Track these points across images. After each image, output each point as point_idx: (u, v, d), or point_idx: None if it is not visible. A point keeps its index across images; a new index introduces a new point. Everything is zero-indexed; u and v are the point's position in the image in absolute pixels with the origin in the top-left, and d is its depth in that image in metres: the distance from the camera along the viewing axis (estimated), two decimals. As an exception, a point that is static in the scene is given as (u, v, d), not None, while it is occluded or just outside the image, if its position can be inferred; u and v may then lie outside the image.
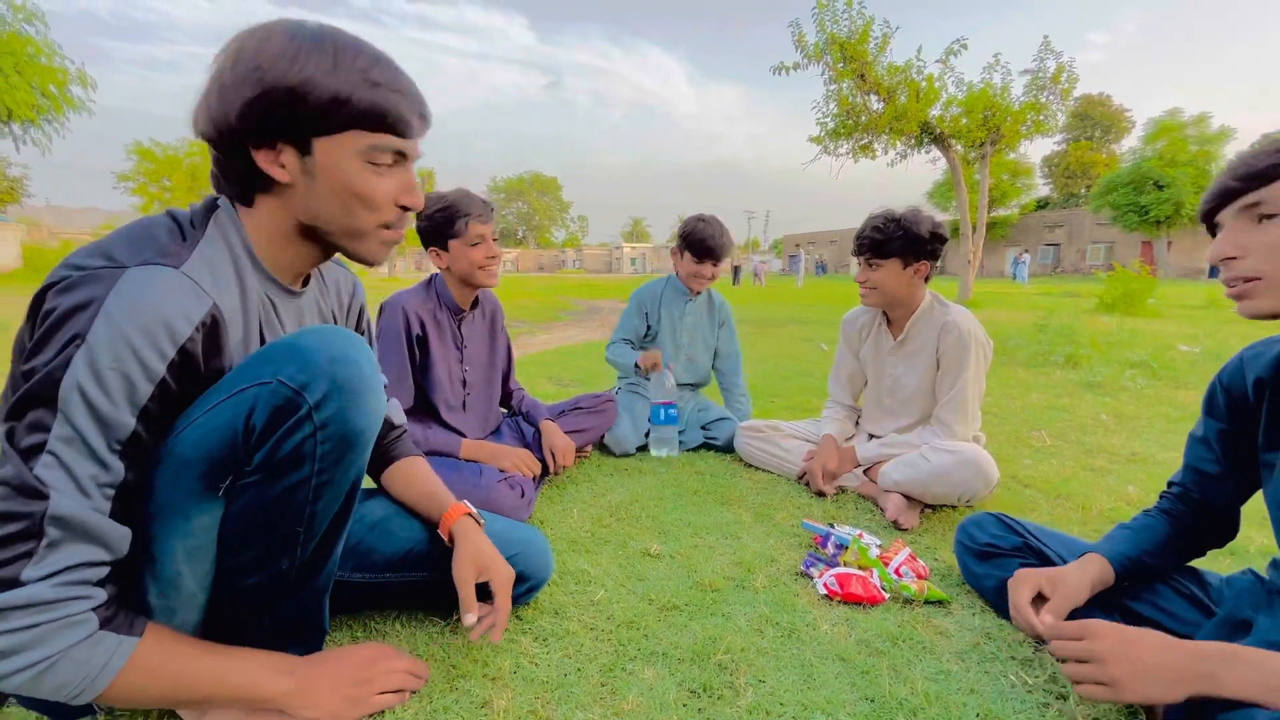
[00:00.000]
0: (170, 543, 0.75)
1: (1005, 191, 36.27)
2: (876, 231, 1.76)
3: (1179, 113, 28.78)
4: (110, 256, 0.68)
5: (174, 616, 0.79)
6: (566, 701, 0.95)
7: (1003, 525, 1.25)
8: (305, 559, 0.84)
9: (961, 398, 1.77)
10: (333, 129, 0.74)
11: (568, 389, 3.52)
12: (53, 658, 0.64)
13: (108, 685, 0.68)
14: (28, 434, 0.64)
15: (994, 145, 11.11)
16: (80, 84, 15.53)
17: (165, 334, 0.68)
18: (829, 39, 10.69)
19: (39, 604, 0.63)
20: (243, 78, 0.70)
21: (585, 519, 1.69)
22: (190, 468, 0.73)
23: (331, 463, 0.77)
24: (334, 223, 0.79)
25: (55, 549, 0.64)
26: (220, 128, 0.72)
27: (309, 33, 0.72)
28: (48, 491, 0.63)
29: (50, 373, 0.63)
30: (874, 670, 1.03)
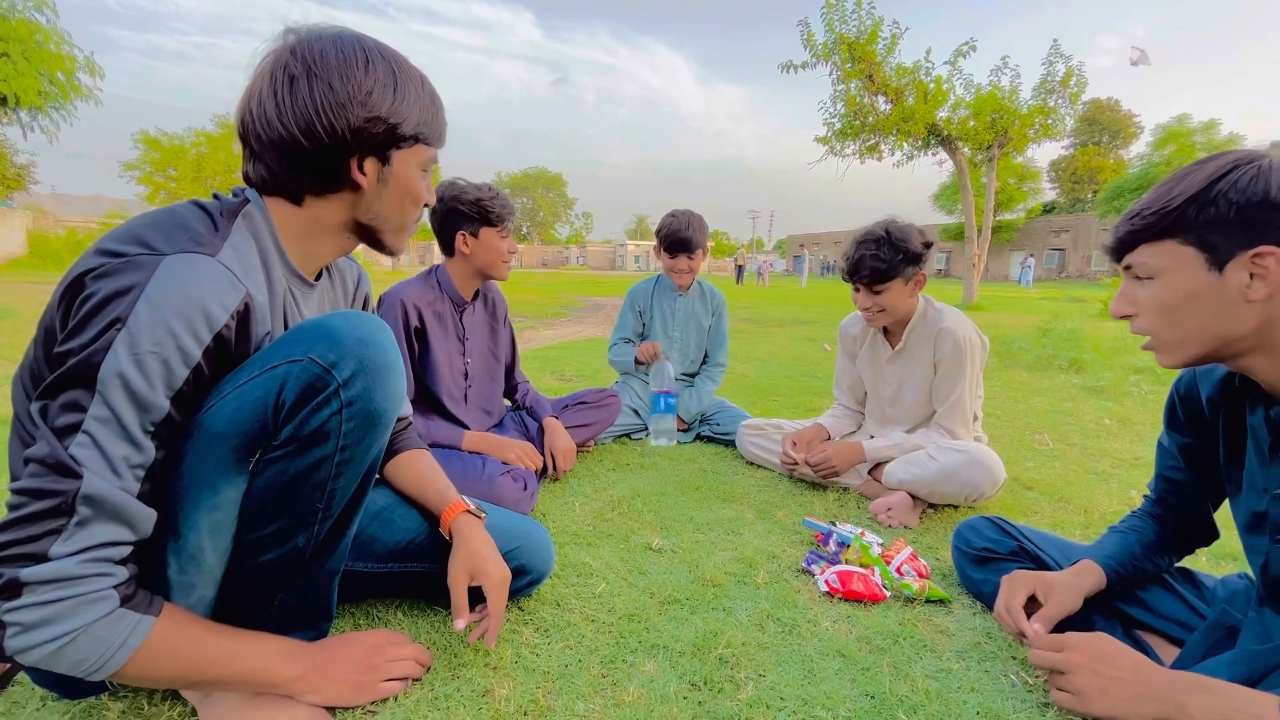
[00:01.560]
0: (196, 516, 0.76)
1: (1011, 195, 36.15)
2: (876, 260, 1.70)
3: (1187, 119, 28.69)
4: (147, 244, 0.70)
5: (191, 593, 0.80)
6: (567, 692, 0.96)
7: (999, 530, 1.25)
8: (321, 538, 0.85)
9: (960, 405, 1.77)
10: (406, 144, 0.85)
11: (570, 384, 3.52)
12: (75, 632, 0.65)
13: (124, 662, 0.69)
14: (63, 413, 0.65)
15: (1001, 148, 11.08)
16: (88, 72, 15.54)
17: (203, 320, 0.70)
18: (838, 39, 10.66)
19: (65, 579, 0.64)
20: (347, 100, 0.77)
21: (587, 513, 1.69)
22: (222, 441, 0.74)
23: (354, 440, 0.79)
24: (390, 220, 0.89)
25: (84, 527, 0.65)
26: (314, 141, 0.78)
27: (387, 60, 0.81)
28: (81, 471, 0.64)
29: (90, 355, 0.64)
30: (874, 667, 1.04)
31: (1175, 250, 0.79)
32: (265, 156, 0.80)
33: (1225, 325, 0.78)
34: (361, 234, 0.90)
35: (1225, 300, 0.77)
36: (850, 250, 1.77)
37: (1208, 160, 0.78)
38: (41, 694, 0.92)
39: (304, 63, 0.77)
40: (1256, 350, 0.79)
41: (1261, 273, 0.74)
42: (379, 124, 0.80)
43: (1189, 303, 0.79)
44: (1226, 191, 0.74)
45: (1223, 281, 0.76)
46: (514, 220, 1.82)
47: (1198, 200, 0.76)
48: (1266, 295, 0.74)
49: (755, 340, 6.04)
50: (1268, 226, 0.73)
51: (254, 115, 0.78)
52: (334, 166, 0.81)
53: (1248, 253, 0.74)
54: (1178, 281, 0.79)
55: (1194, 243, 0.77)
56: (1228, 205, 0.74)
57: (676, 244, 2.41)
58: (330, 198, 0.84)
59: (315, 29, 0.81)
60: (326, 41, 0.78)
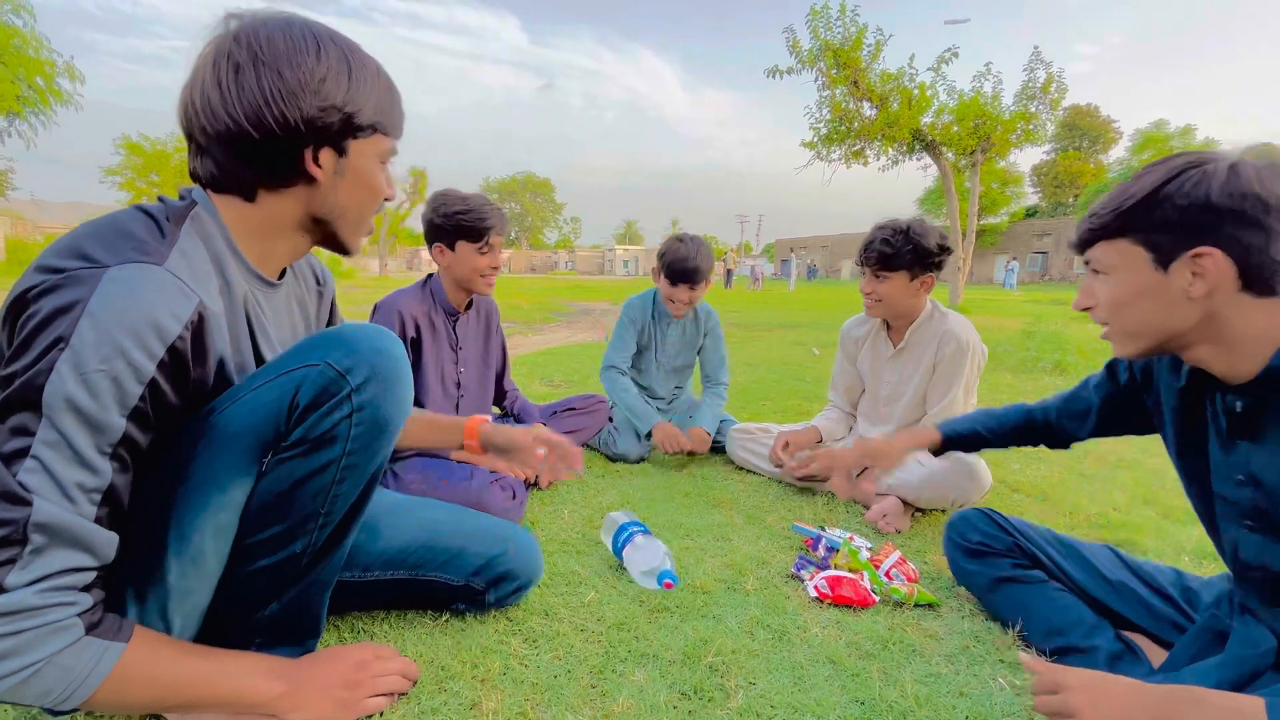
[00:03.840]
0: (202, 518, 0.75)
1: (995, 199, 36.64)
2: (885, 244, 1.74)
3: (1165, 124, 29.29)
4: (88, 256, 0.66)
5: (187, 599, 0.79)
6: (556, 703, 0.95)
7: (993, 523, 1.26)
8: (319, 545, 0.84)
9: (952, 408, 1.79)
10: (363, 134, 0.81)
11: (559, 390, 3.51)
12: (37, 664, 0.63)
13: (93, 691, 0.67)
14: (10, 439, 0.62)
15: (984, 153, 11.22)
16: (68, 77, 15.34)
17: (154, 334, 0.66)
18: (823, 45, 10.76)
19: (23, 610, 0.62)
20: (298, 88, 0.73)
21: (576, 520, 1.68)
22: (235, 442, 0.74)
23: (361, 446, 0.80)
24: (347, 215, 0.85)
25: (39, 555, 0.62)
26: (264, 131, 0.73)
27: (339, 47, 0.77)
28: (30, 498, 0.61)
29: (33, 377, 0.61)
30: (864, 673, 1.03)
31: (1126, 249, 0.84)
32: (212, 150, 0.76)
33: (1171, 320, 0.82)
34: (318, 231, 0.86)
35: (1170, 297, 0.81)
36: (870, 234, 1.81)
37: (1161, 163, 0.82)
38: (19, 712, 0.89)
39: (249, 50, 0.72)
40: (1203, 343, 0.83)
41: (1201, 272, 0.78)
42: (334, 113, 0.76)
43: (1137, 299, 0.84)
44: (1172, 195, 0.78)
45: (1167, 280, 0.81)
46: (497, 235, 1.75)
47: (1146, 202, 0.80)
48: (1206, 293, 0.78)
49: (743, 345, 6.05)
50: (1208, 228, 0.77)
51: (198, 107, 0.74)
52: (287, 158, 0.77)
53: (1189, 253, 0.78)
54: (1127, 278, 0.84)
55: (1142, 242, 0.82)
56: (1172, 208, 0.78)
57: (682, 274, 2.20)
58: (285, 192, 0.80)
59: (259, 14, 0.76)
60: (273, 27, 0.74)
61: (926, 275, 1.76)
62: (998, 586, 1.20)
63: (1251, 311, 0.78)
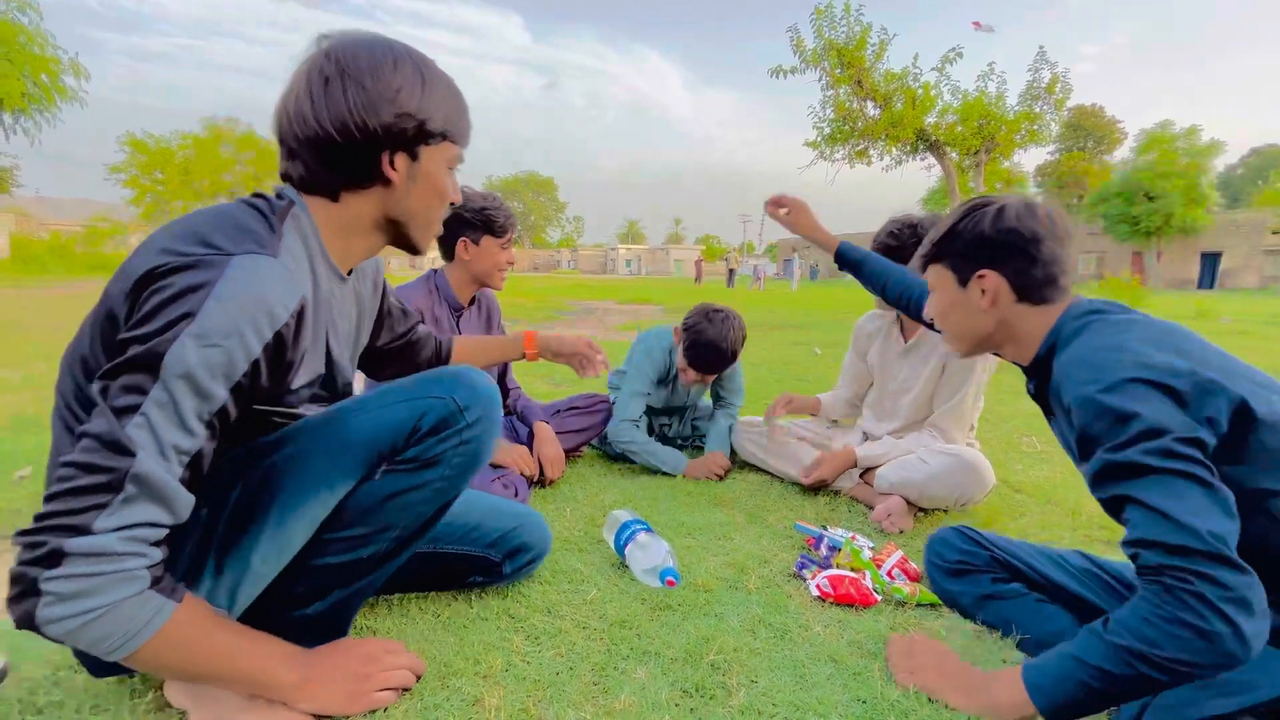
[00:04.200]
0: (302, 509, 0.84)
1: (998, 200, 36.51)
2: (891, 238, 1.78)
3: (1170, 125, 29.17)
4: (214, 244, 0.74)
5: (258, 583, 0.85)
6: (558, 700, 0.95)
7: (970, 540, 1.25)
8: (383, 554, 0.93)
9: (960, 408, 1.79)
10: (434, 140, 0.88)
11: (561, 388, 3.51)
12: (105, 608, 0.66)
13: (141, 645, 0.70)
14: (122, 395, 0.67)
15: (988, 153, 11.21)
16: (74, 74, 15.39)
17: (266, 318, 0.74)
18: (827, 45, 10.75)
19: (105, 554, 0.66)
20: (378, 99, 0.81)
21: (578, 518, 1.69)
22: (354, 448, 0.86)
23: (457, 473, 0.93)
24: (418, 217, 0.93)
25: (128, 505, 0.67)
26: (348, 138, 0.81)
27: (414, 63, 0.85)
28: (135, 450, 0.66)
29: (158, 344, 0.68)
30: (866, 672, 1.04)
31: (941, 272, 1.09)
32: (303, 154, 0.84)
33: (976, 325, 1.06)
34: (391, 231, 0.94)
35: (970, 309, 1.05)
36: (881, 228, 1.86)
37: (963, 204, 1.06)
38: (21, 706, 0.90)
39: (337, 64, 0.81)
40: (1006, 342, 1.06)
41: (985, 288, 1.02)
42: (408, 120, 0.84)
43: (951, 309, 1.09)
44: (962, 230, 1.04)
45: (966, 295, 1.05)
46: (515, 232, 1.83)
47: (947, 236, 1.06)
48: (991, 304, 1.02)
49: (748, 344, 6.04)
50: (986, 255, 1.01)
51: (291, 115, 0.82)
52: (367, 162, 0.84)
53: (975, 274, 1.02)
54: (943, 295, 1.10)
55: (949, 266, 1.07)
56: (962, 241, 1.04)
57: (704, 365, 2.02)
58: (364, 193, 0.88)
59: (346, 34, 0.85)
60: (358, 45, 0.83)
61: None
62: (982, 604, 1.20)
63: (1028, 316, 1.01)
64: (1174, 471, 0.77)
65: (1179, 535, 0.74)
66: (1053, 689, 0.83)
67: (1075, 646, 0.83)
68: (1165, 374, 0.81)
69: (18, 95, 14.17)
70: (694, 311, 2.05)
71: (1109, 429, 0.82)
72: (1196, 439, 0.78)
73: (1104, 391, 0.83)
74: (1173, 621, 0.73)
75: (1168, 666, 0.74)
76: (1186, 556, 0.74)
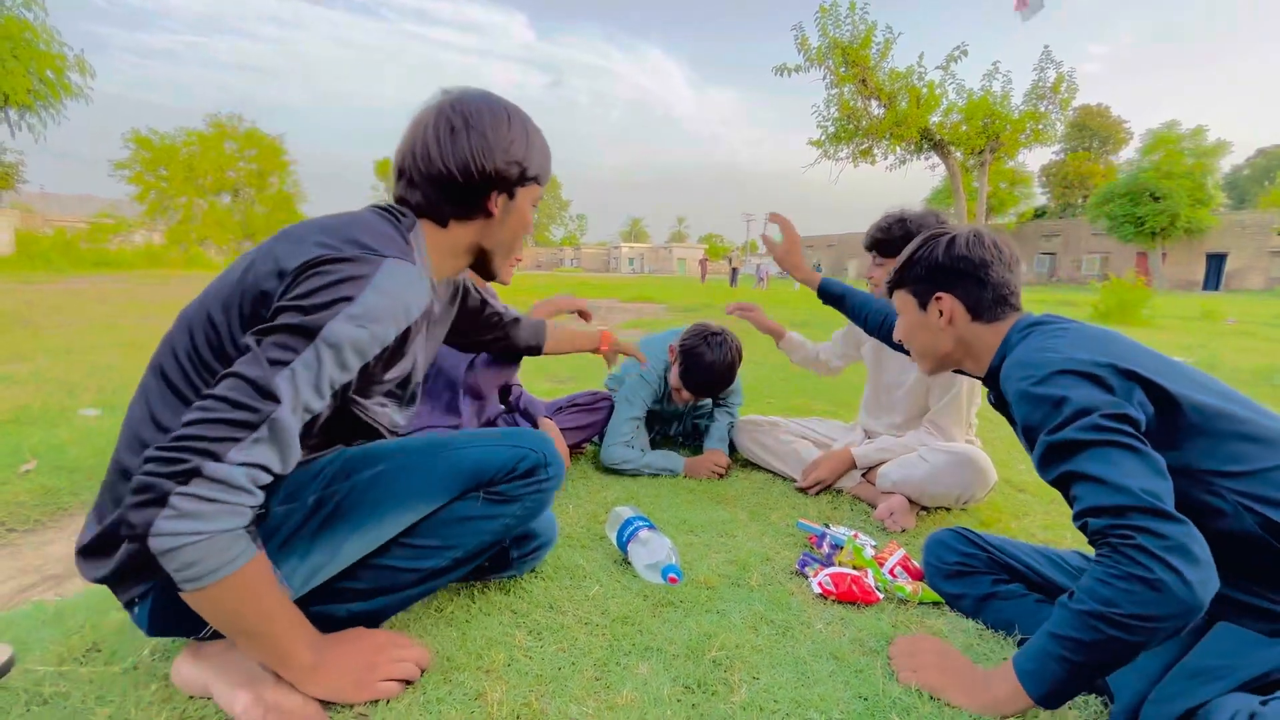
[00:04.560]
0: (401, 515, 0.97)
1: (1003, 200, 36.45)
2: (881, 231, 1.79)
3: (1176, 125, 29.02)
4: (366, 245, 0.85)
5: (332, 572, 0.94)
6: (560, 695, 0.95)
7: (968, 542, 1.25)
8: (437, 570, 1.04)
9: (956, 402, 1.78)
10: (528, 183, 1.02)
11: (564, 386, 3.52)
12: (209, 534, 0.71)
13: (215, 582, 0.73)
14: (277, 349, 0.76)
15: (993, 153, 11.18)
16: (79, 71, 15.43)
17: (404, 314, 0.86)
18: (831, 43, 10.74)
19: (228, 484, 0.72)
20: (495, 147, 0.95)
21: (580, 515, 1.69)
22: (462, 474, 1.01)
23: (525, 515, 1.08)
24: (503, 246, 1.06)
25: (257, 445, 0.73)
26: (467, 178, 0.95)
27: (520, 117, 1.00)
28: (281, 398, 0.74)
29: (318, 317, 0.78)
30: (868, 669, 1.04)
31: (904, 296, 1.19)
32: (423, 187, 0.96)
33: (938, 344, 1.16)
34: (477, 257, 1.06)
35: (931, 328, 1.15)
36: None
37: (922, 235, 1.17)
38: (27, 697, 0.91)
39: (461, 116, 0.94)
40: (965, 359, 1.16)
41: (941, 309, 1.13)
42: (515, 167, 0.98)
43: (914, 330, 1.19)
44: (920, 259, 1.15)
45: (926, 316, 1.15)
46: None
47: (908, 264, 1.17)
48: (948, 323, 1.13)
49: (748, 343, 6.02)
50: (940, 280, 1.12)
51: (417, 154, 0.95)
52: (477, 198, 0.98)
53: (933, 297, 1.13)
54: (907, 317, 1.20)
55: (911, 292, 1.18)
56: (920, 267, 1.15)
57: (697, 388, 2.00)
58: (468, 224, 1.01)
59: (465, 91, 0.99)
60: (480, 100, 0.97)
61: None
62: (982, 606, 1.20)
63: (982, 333, 1.11)
64: (1105, 442, 0.84)
65: (1116, 496, 0.80)
66: (1039, 671, 0.85)
67: (1050, 623, 0.86)
68: (1089, 366, 0.90)
69: (23, 91, 14.21)
70: (690, 333, 2.02)
71: (1045, 416, 0.90)
72: (1123, 414, 0.85)
73: (1036, 384, 0.92)
74: (1123, 578, 0.78)
75: (1130, 624, 0.77)
76: (1124, 514, 0.79)
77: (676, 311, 10.26)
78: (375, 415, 0.98)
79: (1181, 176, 27.24)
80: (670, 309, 10.74)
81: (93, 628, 1.09)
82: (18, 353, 3.99)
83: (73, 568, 1.42)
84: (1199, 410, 0.88)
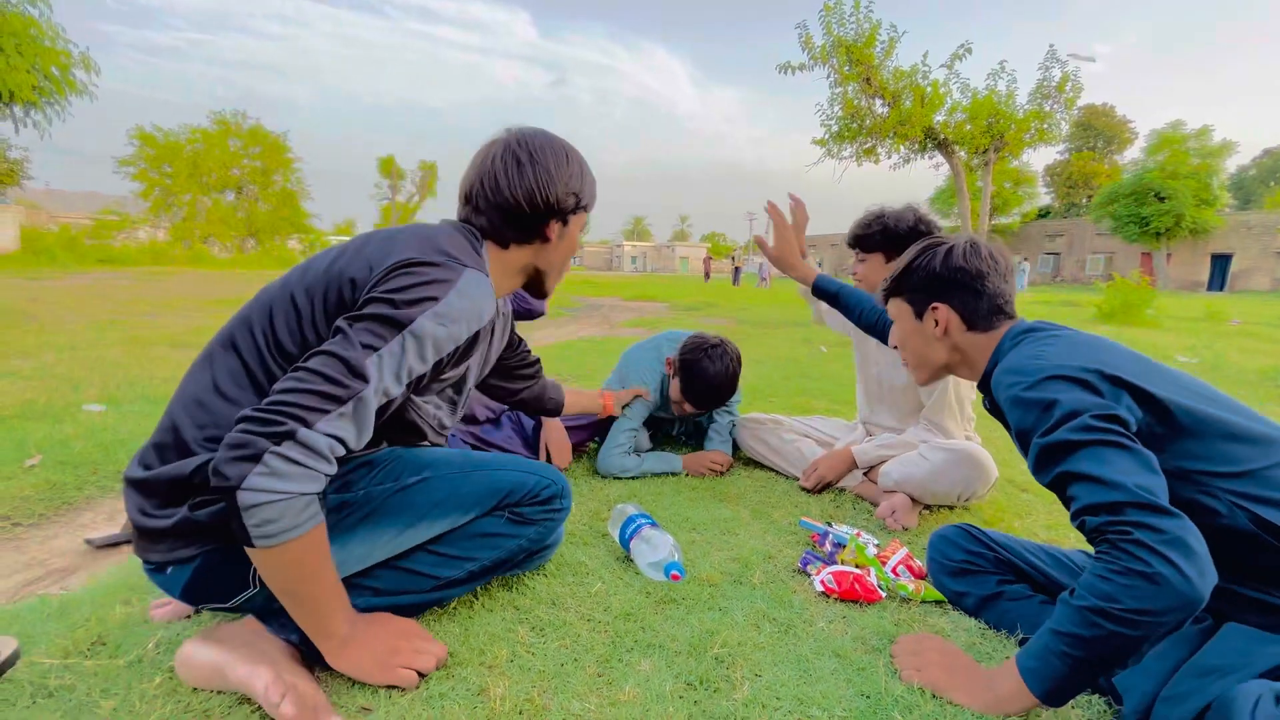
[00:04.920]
0: (437, 521, 1.05)
1: (1007, 199, 36.30)
2: (860, 227, 1.85)
3: (1181, 125, 28.84)
4: (451, 254, 0.94)
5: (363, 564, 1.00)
6: (563, 691, 0.96)
7: (974, 540, 1.25)
8: (453, 580, 1.09)
9: (945, 397, 1.78)
10: (580, 211, 1.13)
11: (568, 383, 3.52)
12: (289, 496, 0.76)
13: (285, 542, 0.78)
14: (368, 335, 0.83)
15: (997, 152, 11.14)
16: (84, 68, 15.46)
17: (476, 320, 0.94)
18: (835, 41, 10.71)
19: (313, 450, 0.77)
20: (557, 180, 1.06)
21: (583, 512, 1.69)
22: (496, 492, 1.10)
23: (539, 535, 1.17)
24: (554, 268, 1.16)
25: (342, 419, 0.80)
26: (533, 207, 1.05)
27: (576, 154, 1.11)
28: (369, 378, 0.81)
29: (408, 310, 0.86)
30: (870, 667, 1.04)
31: (900, 305, 1.20)
32: (489, 212, 1.06)
33: (933, 353, 1.18)
34: (529, 277, 1.16)
35: (926, 338, 1.17)
36: None
37: (918, 244, 1.18)
38: (32, 690, 0.91)
39: (527, 151, 1.04)
40: (960, 366, 1.17)
41: (937, 319, 1.14)
42: (572, 198, 1.08)
43: (910, 339, 1.20)
44: (917, 267, 1.16)
45: (922, 326, 1.17)
46: None
47: (904, 273, 1.18)
48: (944, 333, 1.14)
49: (751, 341, 6.05)
50: (936, 290, 1.14)
51: (485, 184, 1.04)
52: (537, 225, 1.08)
53: (929, 306, 1.14)
54: (903, 325, 1.21)
55: (907, 300, 1.19)
56: (917, 277, 1.16)
57: (697, 401, 2.00)
58: (526, 247, 1.10)
59: (525, 129, 1.09)
60: (541, 138, 1.07)
61: None
62: (986, 605, 1.20)
63: (977, 341, 1.13)
64: (1096, 441, 0.85)
65: (1111, 493, 0.81)
66: (1041, 668, 0.86)
67: (1052, 620, 0.86)
68: (1077, 370, 0.92)
69: (28, 89, 14.24)
70: (689, 346, 1.99)
71: (1037, 419, 0.92)
72: (1113, 414, 0.87)
73: (1027, 389, 0.94)
74: (1121, 572, 0.78)
75: (1130, 619, 0.77)
76: (1120, 510, 0.80)
77: (679, 310, 10.25)
78: (425, 414, 1.07)
79: (1187, 177, 27.08)
80: (673, 308, 10.74)
81: (98, 621, 1.09)
82: (23, 348, 4.00)
83: (78, 561, 1.43)
84: (1188, 413, 0.89)
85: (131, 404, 2.73)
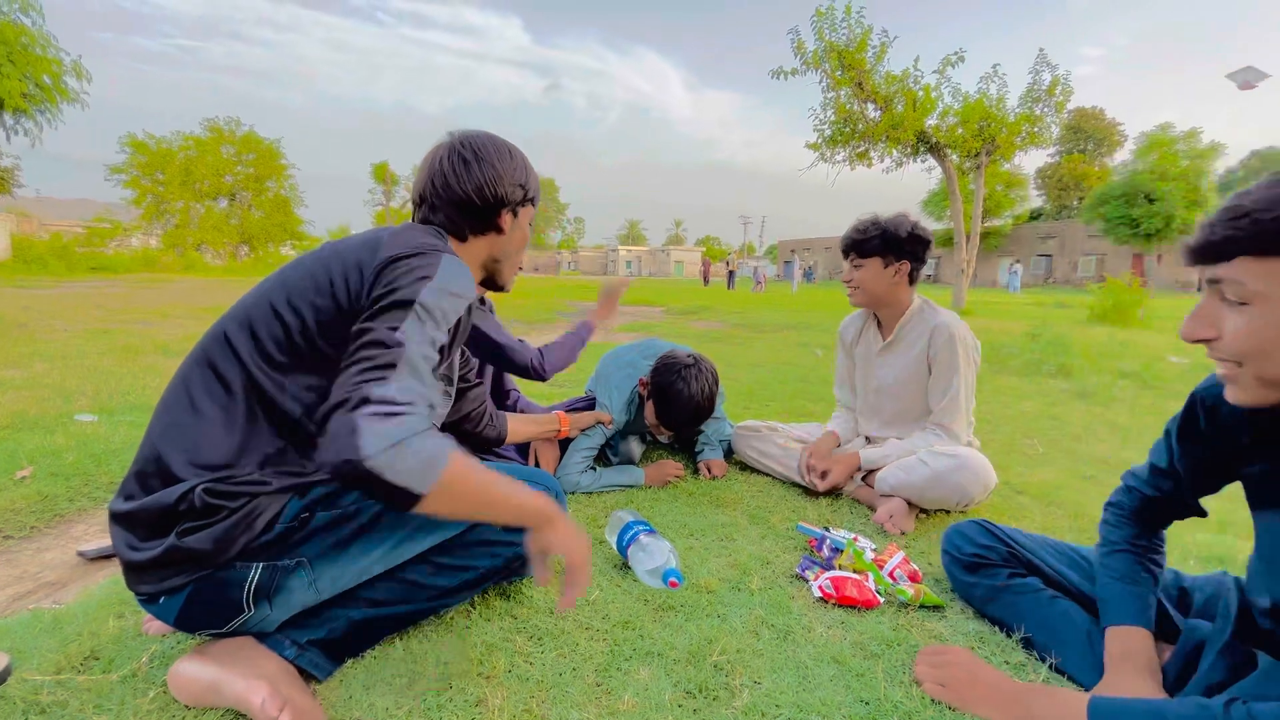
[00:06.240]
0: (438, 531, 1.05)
1: (999, 202, 36.51)
2: (857, 232, 1.82)
3: (1170, 127, 29.06)
4: (429, 244, 0.99)
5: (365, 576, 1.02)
6: (562, 700, 0.95)
7: (988, 534, 1.26)
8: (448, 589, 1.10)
9: (956, 399, 1.79)
10: (528, 203, 1.20)
11: (562, 389, 3.51)
12: (406, 436, 0.78)
13: (439, 476, 0.80)
14: (387, 322, 0.87)
15: (989, 155, 11.21)
16: (75, 75, 15.39)
17: (469, 288, 0.98)
18: (827, 47, 10.77)
19: (395, 400, 0.80)
20: (503, 175, 1.13)
21: (580, 519, 1.69)
22: None
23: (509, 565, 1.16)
24: (508, 259, 1.22)
25: (400, 378, 0.83)
26: (484, 200, 1.12)
27: (519, 151, 1.19)
28: (405, 342, 0.85)
29: (410, 293, 0.90)
30: (869, 673, 1.03)
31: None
32: (444, 209, 1.12)
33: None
34: (487, 271, 1.21)
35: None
36: None
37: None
38: (24, 706, 0.90)
39: (473, 150, 1.12)
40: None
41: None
42: (519, 190, 1.16)
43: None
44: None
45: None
46: None
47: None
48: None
49: (747, 345, 6.05)
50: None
51: (435, 184, 1.11)
52: (490, 216, 1.14)
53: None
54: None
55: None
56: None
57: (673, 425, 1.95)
58: (483, 238, 1.17)
59: (469, 131, 1.16)
60: (483, 138, 1.15)
61: (900, 263, 1.77)
62: (996, 597, 1.20)
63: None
64: None
65: None
66: None
67: (1175, 706, 0.75)
68: None
69: (19, 96, 14.16)
70: (661, 367, 1.91)
71: None
72: None
73: None
74: None
75: None
76: None
77: (674, 314, 10.26)
78: None
79: (1176, 179, 27.29)
80: (668, 312, 10.74)
81: (91, 635, 1.08)
82: (13, 358, 3.97)
83: (70, 574, 1.41)
84: None
85: (124, 414, 2.71)
